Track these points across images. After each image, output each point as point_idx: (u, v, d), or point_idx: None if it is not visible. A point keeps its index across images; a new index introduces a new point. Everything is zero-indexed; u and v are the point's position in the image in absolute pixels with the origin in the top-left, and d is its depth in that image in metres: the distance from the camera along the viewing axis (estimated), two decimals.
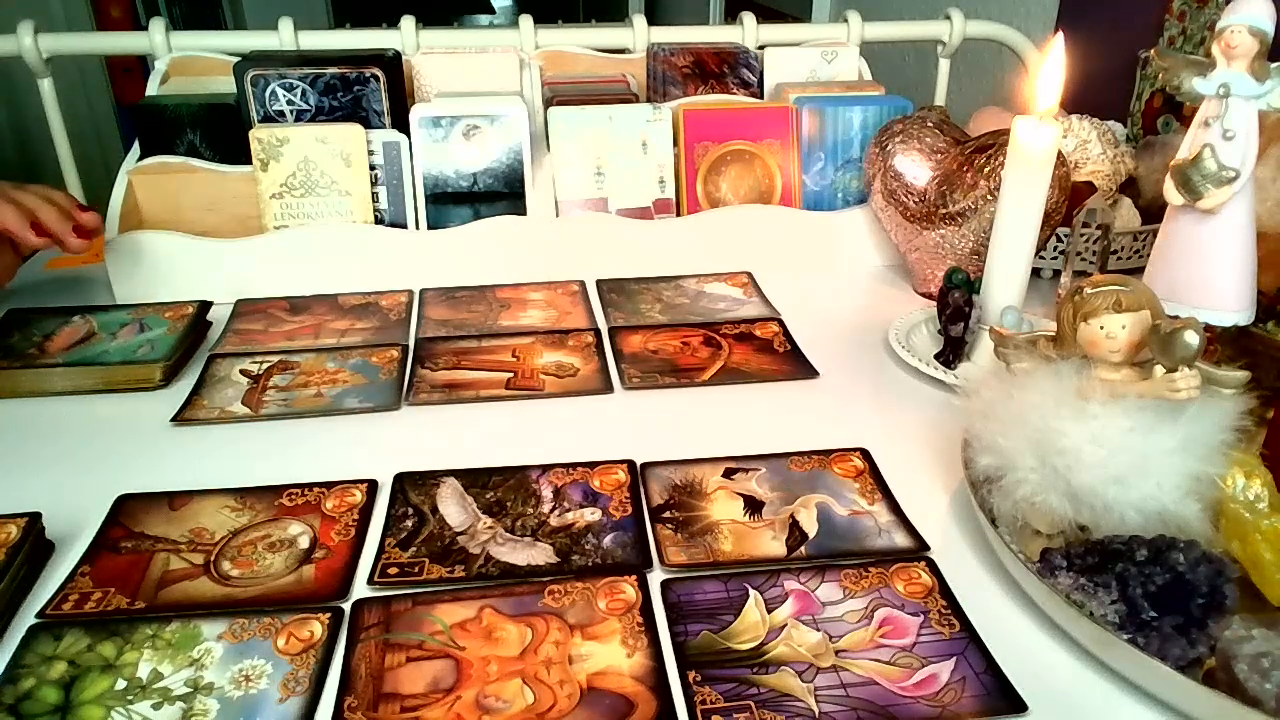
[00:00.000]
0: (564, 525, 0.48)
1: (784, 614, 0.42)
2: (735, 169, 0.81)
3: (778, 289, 0.76)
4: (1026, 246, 0.60)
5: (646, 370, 0.64)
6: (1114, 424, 0.41)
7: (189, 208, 0.77)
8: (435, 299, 0.74)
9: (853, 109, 0.80)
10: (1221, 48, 0.52)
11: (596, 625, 0.41)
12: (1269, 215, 0.60)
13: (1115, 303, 0.41)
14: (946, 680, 0.38)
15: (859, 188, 0.82)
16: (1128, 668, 0.38)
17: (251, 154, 0.73)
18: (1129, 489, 0.40)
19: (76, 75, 2.51)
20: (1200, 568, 0.38)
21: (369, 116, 0.76)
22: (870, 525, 0.48)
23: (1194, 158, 0.53)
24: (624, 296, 0.75)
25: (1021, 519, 0.45)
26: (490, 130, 0.76)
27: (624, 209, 0.79)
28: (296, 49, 0.91)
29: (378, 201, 0.76)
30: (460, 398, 0.60)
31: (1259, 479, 0.41)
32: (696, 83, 0.87)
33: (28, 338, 0.64)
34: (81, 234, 0.66)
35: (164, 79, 0.84)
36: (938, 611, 0.42)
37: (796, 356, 0.66)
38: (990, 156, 0.68)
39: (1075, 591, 0.39)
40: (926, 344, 0.67)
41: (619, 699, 0.37)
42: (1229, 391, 0.41)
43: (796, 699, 0.37)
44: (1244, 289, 0.54)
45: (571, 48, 0.93)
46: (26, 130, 2.38)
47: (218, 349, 0.66)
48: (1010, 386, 0.45)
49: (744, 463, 0.53)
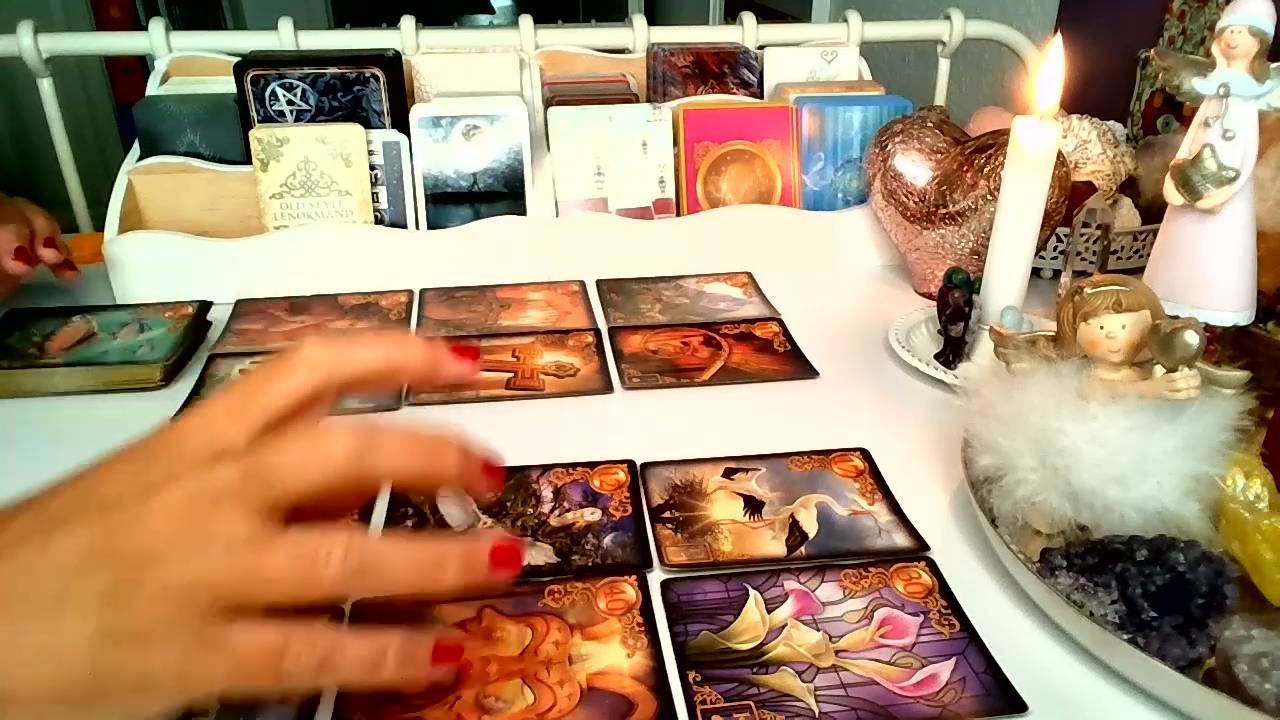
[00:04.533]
0: (564, 525, 0.48)
1: (784, 614, 0.42)
2: (735, 169, 0.81)
3: (778, 289, 0.76)
4: (1026, 246, 0.60)
5: (646, 370, 0.64)
6: (1114, 424, 0.41)
7: (189, 208, 0.77)
8: (435, 299, 0.74)
9: (853, 109, 0.80)
10: (1221, 48, 0.52)
11: (596, 625, 0.41)
12: (1269, 215, 0.60)
13: (1115, 303, 0.41)
14: (946, 680, 0.38)
15: (859, 188, 0.82)
16: (1128, 668, 0.38)
17: (251, 154, 0.74)
18: (1129, 489, 0.40)
19: (76, 75, 2.52)
20: (1200, 568, 0.38)
21: (369, 116, 0.76)
22: (870, 525, 0.48)
23: (1194, 158, 0.53)
24: (624, 296, 0.75)
25: (1021, 519, 0.45)
26: (490, 130, 0.76)
27: (624, 209, 0.79)
28: (296, 49, 0.91)
29: (378, 201, 0.76)
30: (460, 398, 0.60)
31: (1259, 479, 0.41)
32: (696, 83, 0.87)
33: (28, 338, 0.64)
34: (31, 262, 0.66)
35: (164, 79, 0.84)
36: (938, 611, 0.42)
37: (796, 356, 0.66)
38: (990, 156, 0.68)
39: (1075, 591, 0.39)
40: (926, 344, 0.67)
41: (619, 699, 0.37)
42: (1229, 391, 0.41)
43: (796, 699, 0.37)
44: (1244, 289, 0.55)
45: (571, 48, 0.93)
46: (26, 130, 2.39)
47: (218, 349, 0.66)
48: (1010, 386, 0.45)
49: (744, 463, 0.53)
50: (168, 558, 0.28)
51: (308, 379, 0.33)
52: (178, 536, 0.29)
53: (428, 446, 0.33)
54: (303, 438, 0.31)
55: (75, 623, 0.27)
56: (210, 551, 0.29)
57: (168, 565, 0.28)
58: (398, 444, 0.32)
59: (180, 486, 0.30)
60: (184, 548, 0.29)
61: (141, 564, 0.28)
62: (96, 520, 0.29)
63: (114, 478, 0.31)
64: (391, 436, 0.32)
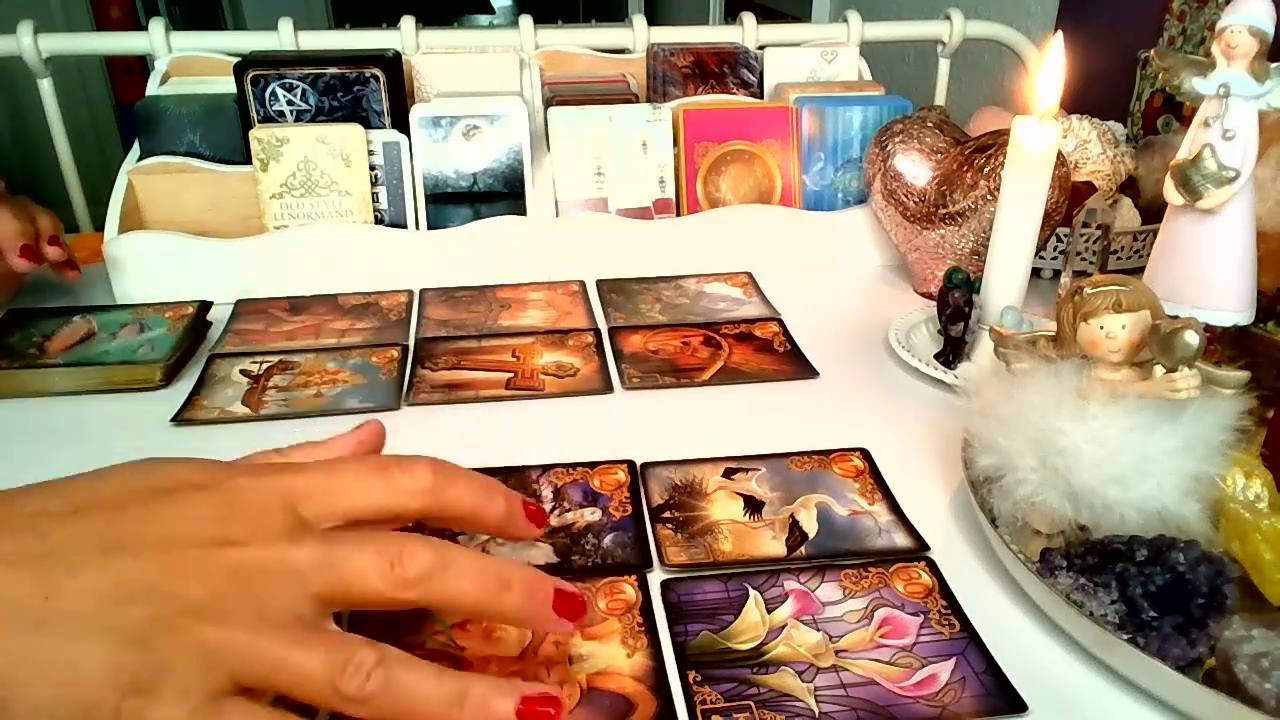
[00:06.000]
0: (564, 525, 0.48)
1: (784, 614, 0.42)
2: (735, 169, 0.81)
3: (778, 289, 0.76)
4: (1026, 246, 0.60)
5: (646, 370, 0.64)
6: (1114, 424, 0.41)
7: (189, 208, 0.77)
8: (435, 299, 0.74)
9: (853, 109, 0.80)
10: (1221, 48, 0.52)
11: (596, 625, 0.41)
12: (1269, 215, 0.60)
13: (1115, 303, 0.41)
14: (946, 680, 0.38)
15: (859, 188, 0.82)
16: (1128, 668, 0.38)
17: (251, 154, 0.74)
18: (1129, 489, 0.40)
19: (76, 75, 2.52)
20: (1200, 568, 0.38)
21: (369, 116, 0.76)
22: (870, 525, 0.48)
23: (1194, 158, 0.53)
24: (624, 296, 0.75)
25: (1021, 519, 0.45)
26: (490, 130, 0.76)
27: (624, 209, 0.79)
28: (296, 49, 0.91)
29: (378, 201, 0.76)
30: (460, 398, 0.60)
31: (1259, 479, 0.41)
32: (696, 83, 0.87)
33: (28, 338, 0.64)
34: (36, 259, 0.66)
35: (164, 79, 0.84)
36: (938, 611, 0.42)
37: (796, 356, 0.66)
38: (990, 156, 0.68)
39: (1075, 591, 0.39)
40: (926, 344, 0.67)
41: (619, 699, 0.37)
42: (1229, 391, 0.41)
43: (796, 699, 0.37)
44: (1244, 289, 0.54)
45: (571, 48, 0.93)
46: (26, 130, 2.39)
47: (218, 349, 0.66)
48: (1010, 386, 0.45)
49: (744, 463, 0.53)
50: (214, 615, 0.28)
51: (405, 504, 0.33)
52: (233, 597, 0.28)
53: (496, 578, 0.32)
54: (380, 551, 0.31)
55: (100, 651, 0.27)
56: (258, 624, 0.28)
57: (211, 622, 0.28)
58: (469, 574, 0.32)
59: (256, 551, 0.29)
60: (235, 611, 0.28)
61: (185, 613, 0.28)
62: (158, 555, 0.28)
63: (188, 514, 0.30)
64: (465, 565, 0.32)
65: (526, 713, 0.30)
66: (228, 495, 0.31)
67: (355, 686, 0.28)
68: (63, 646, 0.27)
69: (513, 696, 0.30)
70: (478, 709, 0.30)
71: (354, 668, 0.28)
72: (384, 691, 0.29)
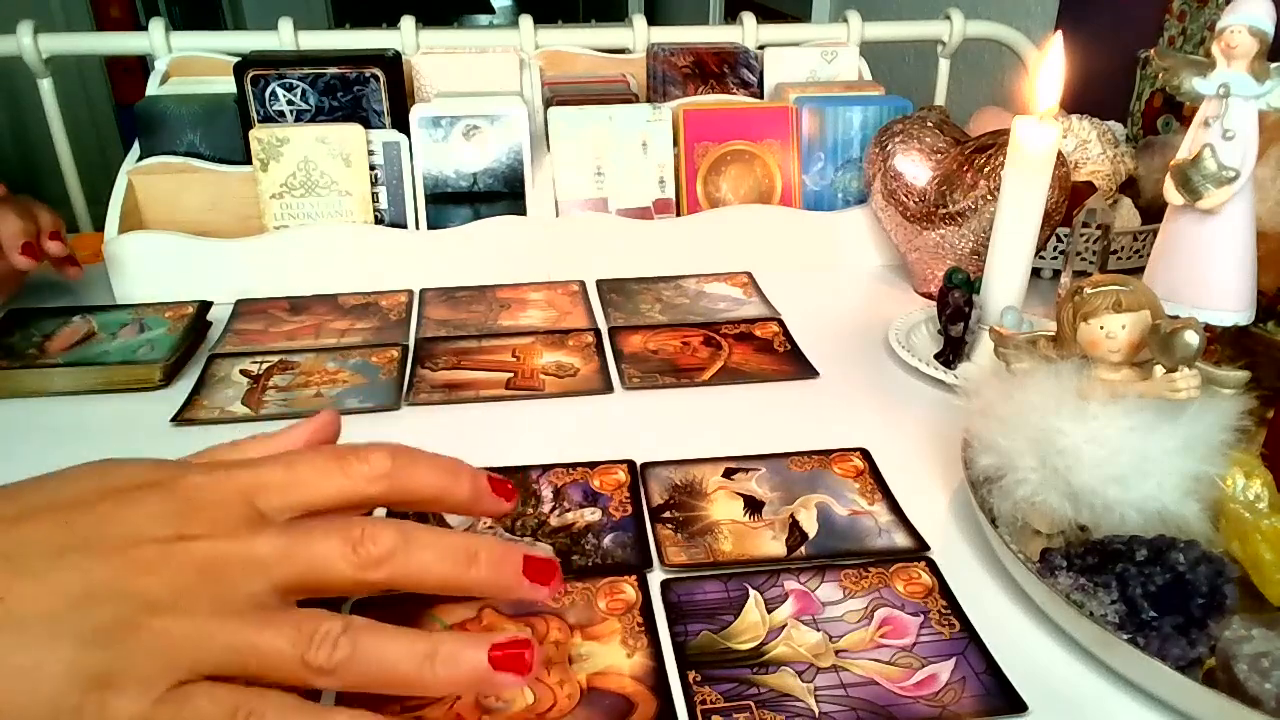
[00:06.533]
0: (564, 525, 0.48)
1: (784, 614, 0.42)
2: (735, 169, 0.81)
3: (778, 289, 0.76)
4: (1026, 246, 0.60)
5: (646, 370, 0.64)
6: (1114, 424, 0.41)
7: (189, 208, 0.77)
8: (435, 299, 0.74)
9: (853, 109, 0.80)
10: (1221, 48, 0.52)
11: (596, 625, 0.41)
12: (1269, 215, 0.60)
13: (1115, 303, 0.41)
14: (946, 680, 0.38)
15: (859, 188, 0.82)
16: (1128, 668, 0.38)
17: (251, 154, 0.74)
18: (1129, 489, 0.40)
19: (76, 75, 2.52)
20: (1200, 568, 0.38)
21: (369, 116, 0.76)
22: (870, 525, 0.48)
23: (1194, 158, 0.53)
24: (624, 296, 0.75)
25: (1021, 519, 0.45)
26: (490, 130, 0.76)
27: (624, 209, 0.79)
28: (296, 49, 0.91)
29: (378, 201, 0.76)
30: (460, 398, 0.60)
31: (1259, 479, 0.41)
32: (696, 83, 0.87)
33: (28, 338, 0.64)
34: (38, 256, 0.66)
35: (164, 79, 0.84)
36: (938, 611, 0.42)
37: (796, 356, 0.66)
38: (990, 156, 0.68)
39: (1075, 591, 0.39)
40: (926, 344, 0.67)
41: (619, 699, 0.37)
42: (1229, 391, 0.41)
43: (796, 699, 0.37)
44: (1244, 289, 0.54)
45: (571, 48, 0.93)
46: (26, 130, 2.39)
47: (218, 349, 0.66)
48: (1010, 386, 0.45)
49: (744, 463, 0.53)
50: (175, 608, 0.28)
51: (364, 490, 0.33)
52: (195, 590, 0.28)
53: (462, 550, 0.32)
54: (342, 536, 0.31)
55: (63, 652, 0.26)
56: (222, 614, 0.28)
57: (172, 615, 0.28)
58: (433, 549, 0.32)
59: (217, 545, 0.29)
60: (198, 603, 0.28)
61: (145, 608, 0.28)
62: (115, 553, 0.28)
63: (145, 512, 0.30)
64: (429, 541, 0.32)
65: (500, 658, 0.30)
66: (185, 492, 0.31)
67: (324, 656, 0.28)
68: (22, 648, 0.26)
69: (483, 647, 0.30)
70: (449, 664, 0.30)
71: (320, 637, 0.29)
72: (353, 658, 0.29)
